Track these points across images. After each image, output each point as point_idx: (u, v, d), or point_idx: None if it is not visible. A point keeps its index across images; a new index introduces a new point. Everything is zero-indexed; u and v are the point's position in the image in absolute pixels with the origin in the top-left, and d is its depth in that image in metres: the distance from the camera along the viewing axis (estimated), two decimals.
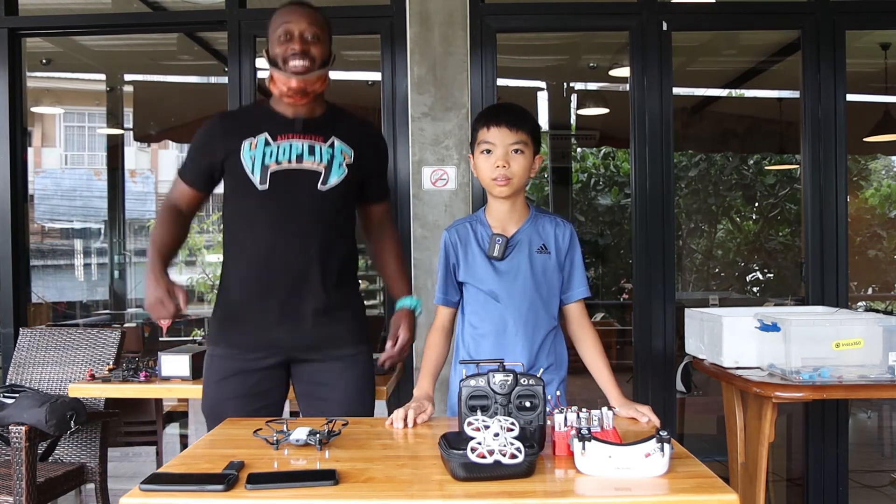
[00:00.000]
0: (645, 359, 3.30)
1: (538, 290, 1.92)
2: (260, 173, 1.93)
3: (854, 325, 2.28)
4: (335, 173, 1.96)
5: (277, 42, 1.94)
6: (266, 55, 1.99)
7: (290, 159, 1.94)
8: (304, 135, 1.97)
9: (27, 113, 3.56)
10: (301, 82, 1.91)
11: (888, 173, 9.41)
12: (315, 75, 1.94)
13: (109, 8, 4.62)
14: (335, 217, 1.99)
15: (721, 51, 5.29)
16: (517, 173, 1.87)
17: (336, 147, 1.98)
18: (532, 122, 1.91)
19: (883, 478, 3.87)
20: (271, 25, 1.97)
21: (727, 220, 8.43)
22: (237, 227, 2.01)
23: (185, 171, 2.05)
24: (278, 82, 1.94)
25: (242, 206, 1.98)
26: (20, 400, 2.64)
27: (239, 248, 2.00)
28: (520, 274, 1.91)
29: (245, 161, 1.94)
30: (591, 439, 1.36)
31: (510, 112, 1.90)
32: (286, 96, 1.95)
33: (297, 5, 1.99)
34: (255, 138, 1.95)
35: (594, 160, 8.32)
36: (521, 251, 1.92)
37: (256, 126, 1.97)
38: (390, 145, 3.29)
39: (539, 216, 1.97)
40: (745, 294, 8.00)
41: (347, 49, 5.07)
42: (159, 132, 6.81)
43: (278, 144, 1.95)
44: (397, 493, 1.28)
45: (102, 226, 8.73)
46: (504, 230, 1.93)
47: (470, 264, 1.93)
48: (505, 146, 1.86)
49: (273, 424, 1.60)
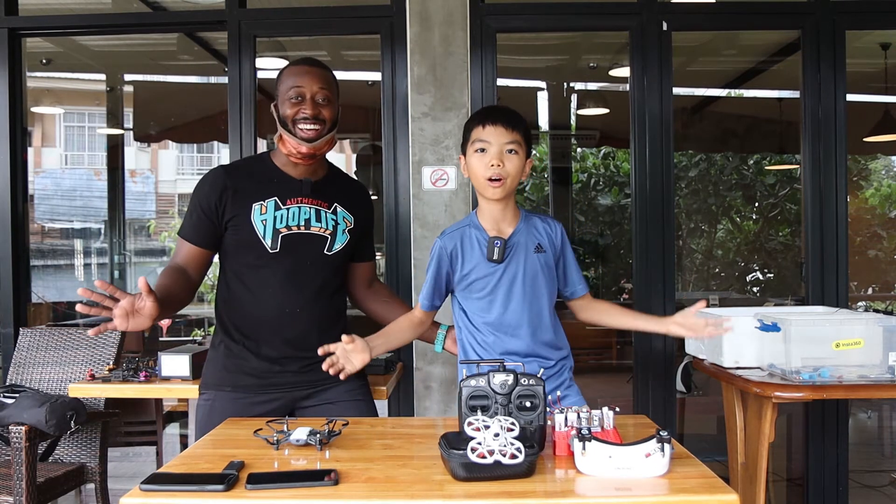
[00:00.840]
0: (645, 359, 3.30)
1: (538, 290, 1.93)
2: (272, 237, 1.96)
3: (854, 325, 2.28)
4: (339, 239, 2.03)
5: (288, 102, 1.96)
6: (275, 111, 2.00)
7: (299, 224, 1.99)
8: (311, 199, 2.02)
9: (27, 113, 3.56)
10: (311, 149, 1.96)
11: (888, 173, 9.41)
12: (324, 140, 1.98)
13: (109, 8, 4.62)
14: (336, 279, 2.08)
15: (721, 51, 5.29)
16: (511, 173, 1.87)
17: (339, 213, 2.05)
18: (525, 125, 1.92)
19: (883, 478, 3.87)
20: (282, 83, 1.99)
21: (727, 220, 8.43)
22: (243, 281, 2.00)
23: (191, 232, 1.99)
24: (288, 144, 1.98)
25: (250, 263, 1.99)
26: (20, 400, 2.64)
27: (244, 305, 2.00)
28: (519, 275, 1.91)
29: (256, 225, 1.96)
30: (591, 439, 1.36)
31: (505, 112, 1.92)
32: (294, 157, 1.99)
33: (308, 65, 2.00)
34: (265, 202, 1.98)
35: (594, 160, 8.31)
36: (520, 253, 1.93)
37: (265, 189, 1.99)
38: (390, 145, 3.30)
39: (530, 216, 1.98)
40: (745, 294, 7.99)
41: (347, 49, 5.08)
42: (159, 132, 6.81)
43: (288, 209, 1.99)
44: (397, 493, 1.28)
45: (102, 226, 8.74)
46: (500, 232, 1.93)
47: (469, 270, 1.92)
48: (500, 145, 1.86)
49: (273, 424, 1.60)
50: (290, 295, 1.98)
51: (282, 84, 1.99)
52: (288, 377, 2.00)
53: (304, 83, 1.95)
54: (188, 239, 2.00)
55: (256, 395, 1.98)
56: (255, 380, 1.99)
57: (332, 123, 1.99)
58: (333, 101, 2.00)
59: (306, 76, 1.96)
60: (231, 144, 3.32)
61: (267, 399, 1.99)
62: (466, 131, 1.93)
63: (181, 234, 2.03)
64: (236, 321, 2.01)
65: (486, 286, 1.91)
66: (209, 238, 2.00)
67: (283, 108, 1.97)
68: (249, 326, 2.00)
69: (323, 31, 3.71)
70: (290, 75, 1.98)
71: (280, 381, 1.99)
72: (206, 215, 1.98)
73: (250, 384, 1.99)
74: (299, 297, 1.98)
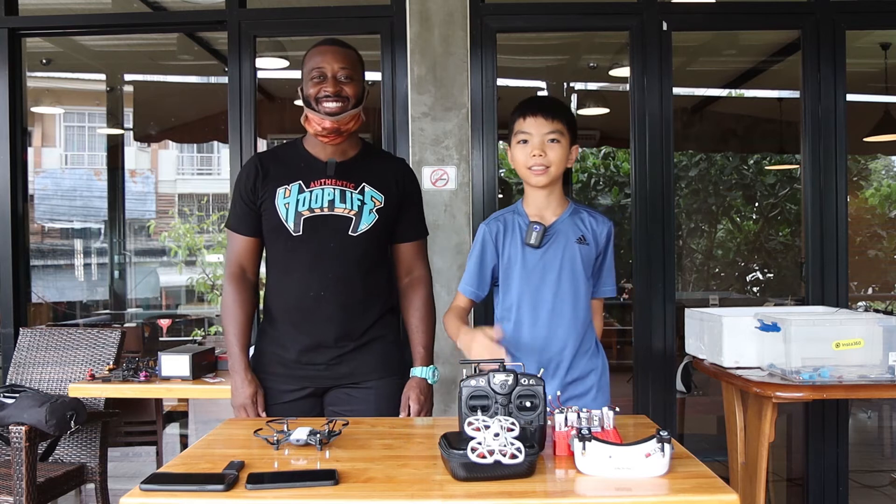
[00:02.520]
0: (645, 359, 3.30)
1: (574, 282, 1.92)
2: (294, 220, 1.97)
3: (854, 325, 2.28)
4: (365, 220, 2.00)
5: (311, 82, 1.97)
6: (300, 93, 2.02)
7: (322, 206, 1.98)
8: (336, 180, 2.01)
9: (27, 113, 3.56)
10: (335, 123, 1.96)
11: (888, 173, 9.41)
12: (349, 115, 1.97)
13: (109, 8, 4.61)
14: (367, 260, 2.02)
15: (721, 51, 5.29)
16: (553, 162, 1.89)
17: (366, 193, 2.02)
18: (568, 114, 1.94)
19: (883, 478, 3.87)
20: (305, 64, 2.01)
21: (727, 220, 8.43)
22: (274, 268, 2.05)
23: (237, 222, 2.07)
24: (312, 122, 1.98)
25: (279, 248, 2.02)
26: (20, 400, 2.64)
27: (277, 291, 2.04)
28: (555, 264, 1.91)
29: (279, 208, 1.98)
30: (591, 439, 1.36)
31: (546, 102, 1.97)
32: (320, 135, 1.99)
33: (329, 45, 2.01)
34: (289, 186, 2.00)
35: (594, 160, 8.31)
36: (559, 242, 1.93)
37: (291, 172, 2.01)
38: (390, 145, 3.29)
39: (579, 209, 1.99)
40: (745, 294, 7.99)
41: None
42: (159, 132, 6.81)
43: (311, 191, 1.99)
44: (397, 493, 1.28)
45: (102, 226, 8.74)
46: (543, 219, 1.94)
47: (508, 255, 1.94)
48: (541, 136, 1.89)
49: (273, 424, 1.60)
50: (315, 278, 1.98)
51: (305, 66, 2.01)
52: (319, 369, 2.01)
53: (326, 62, 1.97)
54: (236, 230, 2.06)
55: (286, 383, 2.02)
56: (285, 369, 2.02)
57: (357, 100, 1.99)
58: (356, 78, 2.00)
59: (328, 55, 1.98)
60: (231, 144, 3.32)
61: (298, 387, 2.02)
62: (510, 123, 1.96)
63: (228, 227, 2.08)
64: (272, 307, 2.06)
65: (521, 271, 1.92)
66: (254, 226, 2.05)
67: (306, 88, 1.99)
68: (281, 311, 2.03)
69: (323, 31, 3.68)
70: (312, 56, 2.00)
71: (310, 374, 2.01)
72: (245, 203, 2.04)
73: (281, 373, 2.02)
74: (324, 280, 1.97)
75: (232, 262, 2.08)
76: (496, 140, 3.28)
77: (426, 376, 2.08)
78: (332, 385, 2.03)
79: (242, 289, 2.06)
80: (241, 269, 2.07)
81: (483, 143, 3.26)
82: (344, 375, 2.02)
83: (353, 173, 2.03)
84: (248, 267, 2.08)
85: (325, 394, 2.05)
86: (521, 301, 1.92)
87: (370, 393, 2.02)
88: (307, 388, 2.02)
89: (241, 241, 2.07)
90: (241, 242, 2.07)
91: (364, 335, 2.02)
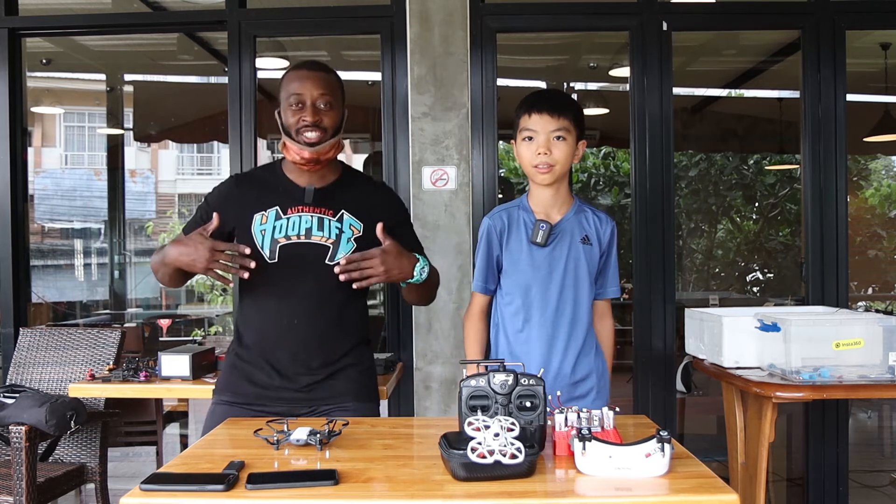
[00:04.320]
0: (645, 359, 3.30)
1: (578, 281, 1.92)
2: (269, 247, 1.94)
3: (854, 325, 2.28)
4: (343, 248, 1.95)
5: (290, 110, 1.92)
6: (278, 117, 1.97)
7: (298, 234, 1.94)
8: (314, 207, 1.97)
9: (27, 113, 3.56)
10: (314, 153, 1.92)
11: (888, 173, 9.41)
12: (328, 145, 1.93)
13: (109, 8, 4.62)
14: (343, 290, 1.94)
15: (721, 51, 5.29)
16: (559, 160, 1.87)
17: (345, 221, 1.97)
18: (575, 109, 1.90)
19: (883, 478, 3.87)
20: (283, 88, 1.95)
21: (727, 220, 8.43)
22: (248, 295, 2.01)
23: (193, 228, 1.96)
24: (291, 151, 1.94)
25: (253, 276, 1.94)
26: (20, 400, 2.64)
27: (249, 316, 2.00)
28: (560, 262, 1.90)
29: (255, 234, 1.95)
30: (591, 439, 1.36)
31: (552, 99, 1.90)
32: (299, 164, 1.95)
33: (308, 69, 1.95)
34: (267, 212, 1.96)
35: (594, 160, 8.31)
36: (564, 240, 1.91)
37: (269, 198, 1.97)
38: (390, 145, 3.29)
39: (583, 207, 1.97)
40: (745, 294, 7.99)
41: (347, 49, 5.08)
42: (159, 132, 6.81)
43: (288, 218, 1.96)
44: (397, 493, 1.28)
45: (102, 226, 8.73)
46: (548, 217, 1.92)
47: (512, 251, 1.92)
48: (546, 133, 1.86)
49: (273, 424, 1.60)
50: (290, 306, 1.94)
51: (283, 90, 1.95)
52: (289, 393, 1.95)
53: (305, 89, 1.91)
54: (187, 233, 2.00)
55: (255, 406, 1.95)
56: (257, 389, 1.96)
57: (336, 129, 1.95)
58: (336, 105, 1.95)
59: (307, 81, 1.92)
60: (231, 144, 3.32)
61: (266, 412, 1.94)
62: (516, 118, 1.93)
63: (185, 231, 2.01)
64: (244, 332, 2.02)
65: (525, 269, 1.91)
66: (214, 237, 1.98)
67: (284, 116, 1.94)
68: (253, 337, 1.99)
69: (323, 31, 3.71)
70: (290, 81, 1.94)
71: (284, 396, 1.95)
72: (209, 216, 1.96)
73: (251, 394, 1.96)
74: (298, 309, 1.94)
75: None
76: (496, 140, 3.28)
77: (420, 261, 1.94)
78: (306, 411, 1.97)
79: None
80: None
81: (483, 143, 3.26)
82: (319, 399, 1.96)
83: (332, 200, 1.99)
84: None
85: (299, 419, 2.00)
86: (526, 300, 1.91)
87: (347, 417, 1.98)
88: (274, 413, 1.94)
89: None
90: None
91: (338, 362, 1.97)
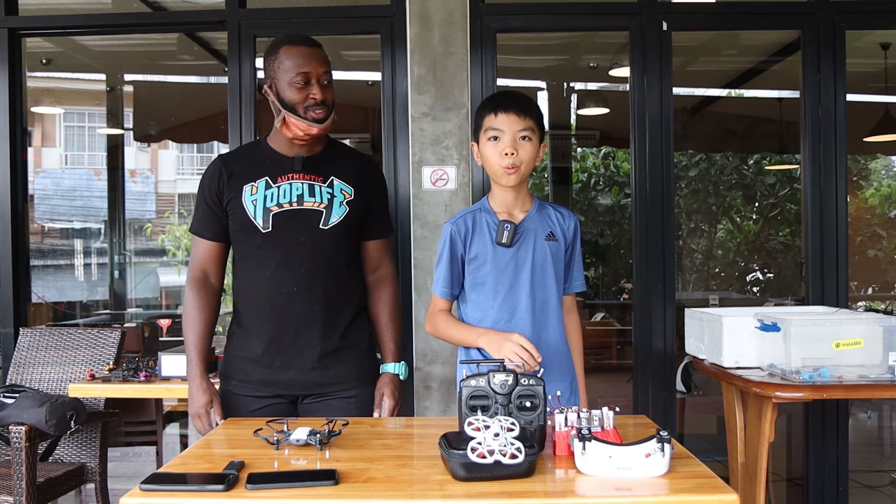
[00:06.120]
0: (645, 359, 3.30)
1: (545, 279, 1.91)
2: (262, 216, 1.93)
3: (854, 325, 2.28)
4: (336, 212, 1.96)
5: (295, 88, 1.91)
6: (271, 91, 1.95)
7: (290, 201, 1.94)
8: (303, 174, 1.97)
9: (27, 113, 3.56)
10: (321, 129, 1.93)
11: (888, 173, 9.41)
12: (331, 120, 1.95)
13: (109, 8, 4.62)
14: (339, 256, 1.99)
15: (721, 51, 5.29)
16: (525, 160, 1.87)
17: (336, 186, 1.98)
18: (537, 110, 1.90)
19: (883, 478, 3.87)
20: (280, 64, 1.92)
21: (727, 220, 8.43)
22: (243, 267, 2.00)
23: (200, 226, 2.02)
24: (294, 128, 1.93)
25: (248, 248, 1.98)
26: (20, 400, 2.64)
27: (247, 289, 2.00)
28: (527, 262, 1.90)
29: (247, 206, 1.94)
30: (591, 439, 1.36)
31: (517, 98, 1.89)
32: (299, 139, 1.95)
33: (307, 46, 1.94)
34: (256, 183, 1.96)
35: (594, 160, 8.32)
36: (529, 239, 1.91)
37: (257, 170, 1.97)
38: (390, 145, 3.29)
39: (544, 205, 1.97)
40: (745, 294, 7.99)
41: (347, 49, 5.07)
42: (159, 132, 6.81)
43: (279, 186, 1.95)
44: (397, 493, 1.28)
45: (102, 226, 8.73)
46: (511, 217, 1.92)
47: (476, 253, 1.91)
48: (513, 133, 1.85)
49: (273, 424, 1.60)
50: (287, 274, 1.93)
51: (281, 65, 1.92)
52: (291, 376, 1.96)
53: (311, 67, 1.91)
54: (199, 234, 2.02)
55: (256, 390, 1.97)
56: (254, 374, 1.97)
57: (333, 103, 1.97)
58: (331, 80, 1.97)
59: (312, 59, 1.92)
60: (231, 144, 3.32)
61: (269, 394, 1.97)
62: (478, 118, 1.92)
63: (192, 231, 2.04)
64: (240, 307, 2.02)
65: (492, 271, 1.90)
66: (219, 230, 2.01)
67: (288, 93, 1.91)
68: (251, 310, 1.98)
69: (323, 30, 3.70)
70: (291, 57, 1.91)
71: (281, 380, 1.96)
72: (209, 207, 1.99)
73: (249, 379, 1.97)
74: (296, 277, 1.94)
75: (195, 267, 2.02)
76: None
77: (399, 372, 2.06)
78: (306, 393, 1.98)
79: (204, 294, 2.01)
80: (203, 273, 2.02)
81: None
82: (319, 384, 1.97)
83: (321, 167, 1.99)
84: (212, 272, 2.03)
85: (300, 402, 2.00)
86: (495, 301, 1.90)
87: (349, 403, 1.99)
88: (279, 397, 1.98)
89: (204, 245, 2.01)
90: (204, 247, 2.01)
91: (340, 340, 1.98)
